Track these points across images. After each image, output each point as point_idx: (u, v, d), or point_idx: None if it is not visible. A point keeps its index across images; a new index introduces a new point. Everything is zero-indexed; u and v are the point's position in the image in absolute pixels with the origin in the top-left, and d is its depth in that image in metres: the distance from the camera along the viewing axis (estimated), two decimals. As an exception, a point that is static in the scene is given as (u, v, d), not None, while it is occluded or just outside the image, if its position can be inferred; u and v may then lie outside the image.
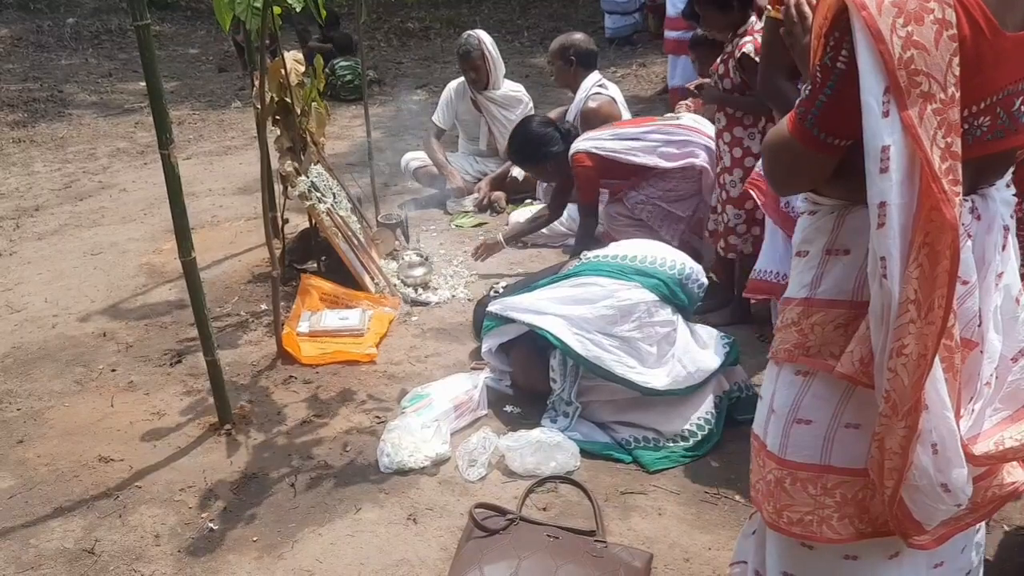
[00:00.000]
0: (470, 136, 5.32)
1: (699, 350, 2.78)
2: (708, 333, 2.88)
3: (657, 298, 2.74)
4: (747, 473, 1.56)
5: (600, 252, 2.98)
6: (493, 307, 2.94)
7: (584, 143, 3.87)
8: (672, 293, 2.78)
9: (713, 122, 3.70)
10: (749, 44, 3.49)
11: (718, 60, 3.60)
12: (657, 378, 2.70)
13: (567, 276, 2.90)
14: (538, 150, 3.98)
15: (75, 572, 2.28)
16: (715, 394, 2.79)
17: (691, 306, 2.92)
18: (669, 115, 4.34)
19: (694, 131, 3.88)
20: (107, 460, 2.75)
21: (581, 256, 3.01)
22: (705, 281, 2.94)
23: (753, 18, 3.61)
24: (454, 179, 5.05)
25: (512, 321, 2.86)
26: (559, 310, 2.76)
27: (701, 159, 3.81)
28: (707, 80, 3.77)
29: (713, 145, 3.68)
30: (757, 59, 3.45)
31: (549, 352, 2.80)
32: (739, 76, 3.54)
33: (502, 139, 5.13)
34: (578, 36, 4.46)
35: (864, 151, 1.18)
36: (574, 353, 2.68)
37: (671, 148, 3.82)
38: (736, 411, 2.80)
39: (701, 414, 2.73)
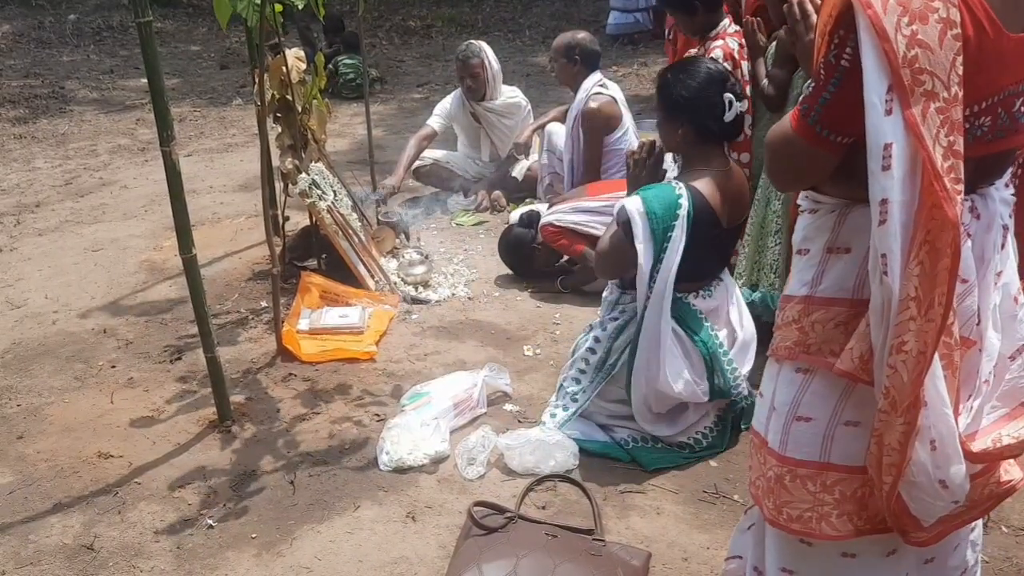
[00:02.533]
0: (472, 146, 5.30)
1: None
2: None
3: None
4: (745, 473, 1.57)
5: (710, 311, 2.68)
6: (678, 225, 2.49)
7: (548, 217, 3.93)
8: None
9: None
10: (718, 49, 3.49)
11: None
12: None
13: (675, 304, 2.61)
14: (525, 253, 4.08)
15: (74, 568, 2.28)
16: (718, 408, 2.76)
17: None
18: None
19: None
20: (106, 456, 2.75)
21: (699, 294, 2.68)
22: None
23: (726, 21, 3.61)
24: (395, 176, 4.79)
25: None
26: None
27: None
28: None
29: None
30: (725, 64, 3.45)
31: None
32: None
33: (504, 147, 5.13)
34: (583, 35, 4.46)
35: (866, 148, 1.18)
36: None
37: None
38: (742, 419, 2.79)
39: (701, 428, 2.72)
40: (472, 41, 5.02)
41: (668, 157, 3.67)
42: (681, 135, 2.58)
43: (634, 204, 2.49)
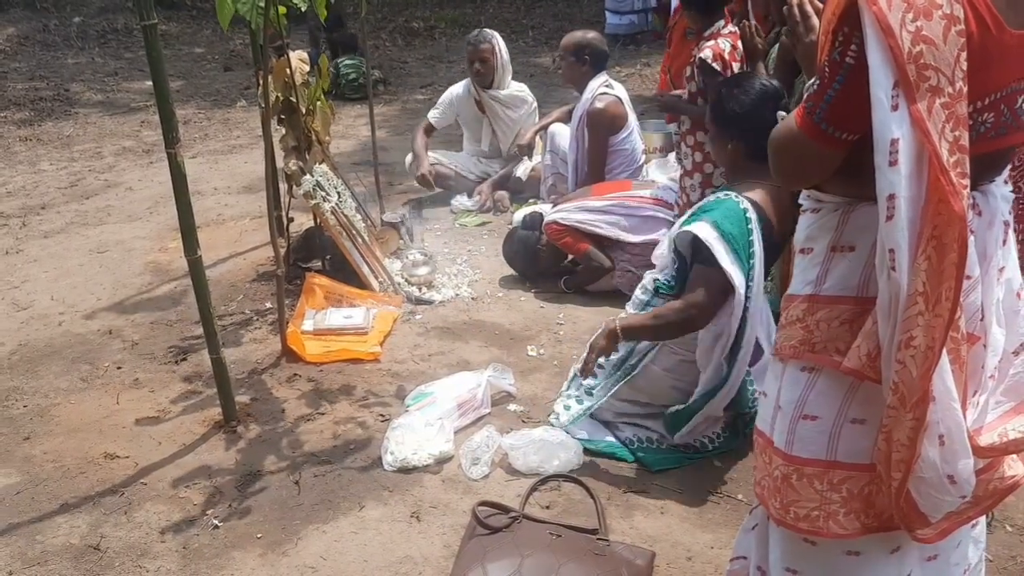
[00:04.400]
0: (474, 137, 5.32)
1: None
2: None
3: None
4: (749, 472, 1.57)
5: None
6: (756, 243, 2.45)
7: (552, 215, 3.94)
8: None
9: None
10: (707, 49, 3.49)
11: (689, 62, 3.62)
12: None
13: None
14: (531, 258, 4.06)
15: (81, 568, 2.29)
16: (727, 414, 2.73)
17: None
18: (642, 181, 4.31)
19: (658, 204, 3.87)
20: (112, 457, 2.76)
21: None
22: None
23: (721, 23, 3.62)
24: (422, 164, 4.95)
25: None
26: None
27: (661, 234, 3.76)
28: (679, 92, 3.78)
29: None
30: (714, 65, 3.46)
31: None
32: (701, 81, 3.54)
33: (505, 139, 5.14)
34: (594, 35, 4.47)
35: (873, 144, 1.18)
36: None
37: (634, 222, 3.84)
38: (748, 425, 2.77)
39: (709, 433, 2.69)
40: (484, 29, 5.04)
41: (670, 157, 3.65)
42: (731, 150, 2.54)
43: (706, 232, 2.39)
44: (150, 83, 2.52)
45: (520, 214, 4.51)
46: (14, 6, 13.17)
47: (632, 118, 4.48)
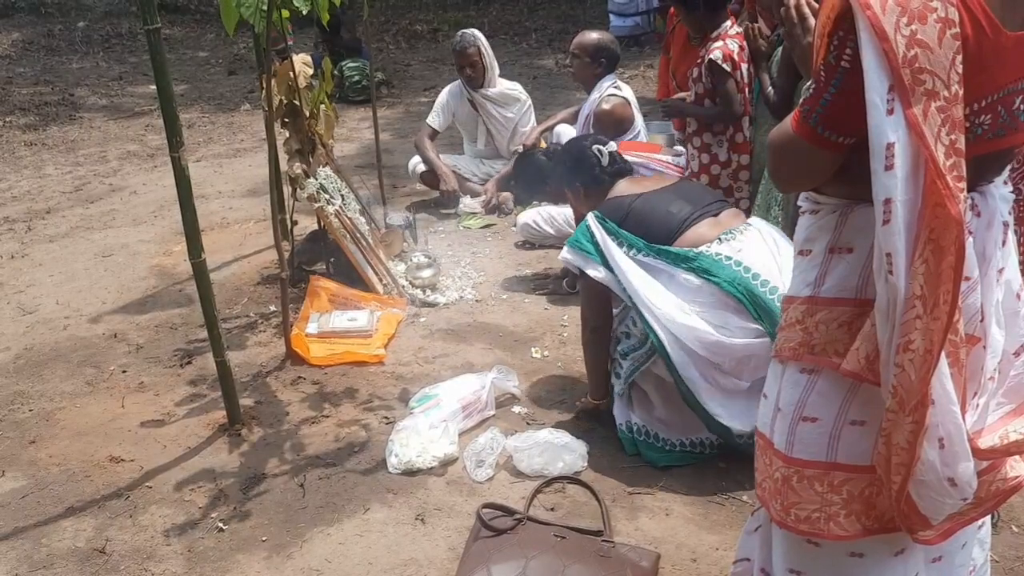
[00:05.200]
0: (470, 137, 5.34)
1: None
2: None
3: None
4: (754, 473, 1.57)
5: (736, 252, 2.58)
6: (597, 233, 2.63)
7: None
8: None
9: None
10: (717, 50, 3.50)
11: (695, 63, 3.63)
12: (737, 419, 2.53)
13: (691, 260, 2.55)
14: (539, 180, 4.12)
15: (86, 571, 2.30)
16: None
17: None
18: (670, 149, 4.36)
19: (681, 173, 3.95)
20: (118, 460, 2.77)
21: (720, 240, 2.61)
22: None
23: (727, 23, 3.62)
24: (449, 180, 5.03)
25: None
26: (668, 305, 2.52)
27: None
28: (684, 94, 3.79)
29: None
30: (724, 66, 3.47)
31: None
32: (709, 81, 3.55)
33: (500, 137, 5.16)
34: (610, 38, 4.49)
35: (869, 148, 1.18)
36: (673, 368, 2.51)
37: (645, 172, 3.86)
38: None
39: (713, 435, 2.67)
40: (465, 31, 5.05)
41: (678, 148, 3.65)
42: (583, 193, 2.96)
43: (564, 253, 2.70)
44: (154, 87, 2.53)
45: (522, 217, 4.52)
46: (19, 11, 13.24)
47: (639, 120, 4.49)
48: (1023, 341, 1.38)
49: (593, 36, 4.43)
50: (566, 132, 4.70)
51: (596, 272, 2.60)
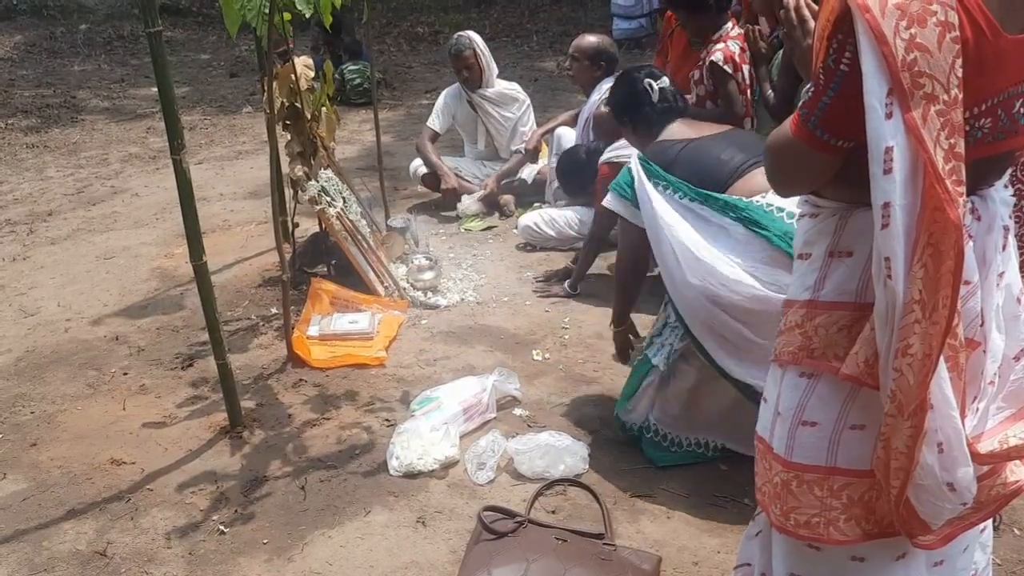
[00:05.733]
0: (470, 139, 5.35)
1: None
2: None
3: None
4: (755, 476, 1.56)
5: (789, 203, 2.35)
6: (636, 176, 2.53)
7: (605, 155, 3.90)
8: None
9: None
10: (718, 52, 3.50)
11: (696, 66, 3.62)
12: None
13: (739, 210, 2.37)
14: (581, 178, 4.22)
15: (87, 574, 2.30)
16: None
17: None
18: None
19: None
20: (119, 463, 2.77)
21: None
22: None
23: (728, 25, 3.62)
24: (449, 179, 5.05)
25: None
26: (712, 256, 2.35)
27: None
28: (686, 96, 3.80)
29: None
30: (725, 68, 3.46)
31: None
32: (711, 83, 3.54)
33: (500, 137, 5.17)
34: (609, 42, 4.49)
35: (868, 153, 1.18)
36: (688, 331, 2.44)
37: None
38: None
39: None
40: (460, 34, 5.07)
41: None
42: (631, 129, 2.84)
43: (607, 200, 2.64)
44: (156, 89, 2.54)
45: (524, 219, 4.52)
46: (21, 14, 13.26)
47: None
48: (1023, 345, 1.37)
49: (592, 39, 4.43)
50: (566, 135, 4.71)
51: (635, 218, 2.54)
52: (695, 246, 2.36)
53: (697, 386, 2.60)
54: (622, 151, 3.84)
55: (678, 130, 2.70)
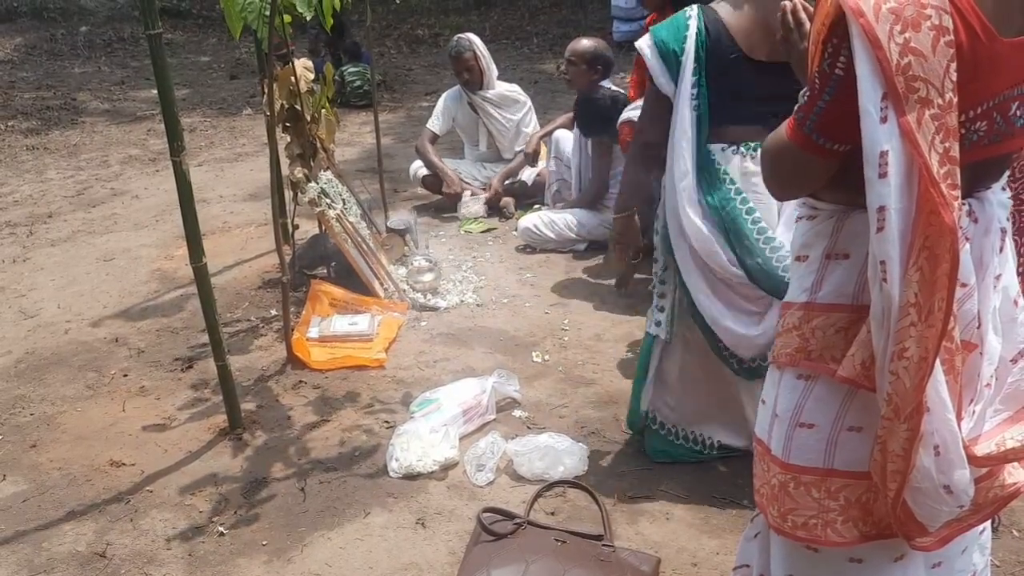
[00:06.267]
0: (471, 141, 5.35)
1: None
2: None
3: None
4: (753, 478, 1.57)
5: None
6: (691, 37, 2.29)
7: (627, 113, 3.85)
8: None
9: None
10: None
11: None
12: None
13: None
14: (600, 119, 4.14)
15: (87, 575, 2.30)
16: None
17: None
18: None
19: None
20: (118, 464, 2.77)
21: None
22: None
23: None
24: (452, 183, 5.06)
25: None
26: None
27: None
28: None
29: None
30: None
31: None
32: None
33: (502, 139, 5.18)
34: (605, 45, 4.49)
35: (863, 156, 1.18)
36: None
37: None
38: None
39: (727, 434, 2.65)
40: (460, 36, 5.08)
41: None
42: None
43: (644, 40, 2.35)
44: (156, 91, 2.54)
45: (523, 221, 4.52)
46: (21, 16, 13.27)
47: (636, 124, 4.49)
48: (1020, 348, 1.37)
49: (588, 43, 4.44)
50: (564, 138, 4.72)
51: (666, 84, 2.31)
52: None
53: (684, 368, 2.58)
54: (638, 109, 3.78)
55: (727, 14, 2.29)
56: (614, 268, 2.74)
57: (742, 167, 2.34)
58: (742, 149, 2.34)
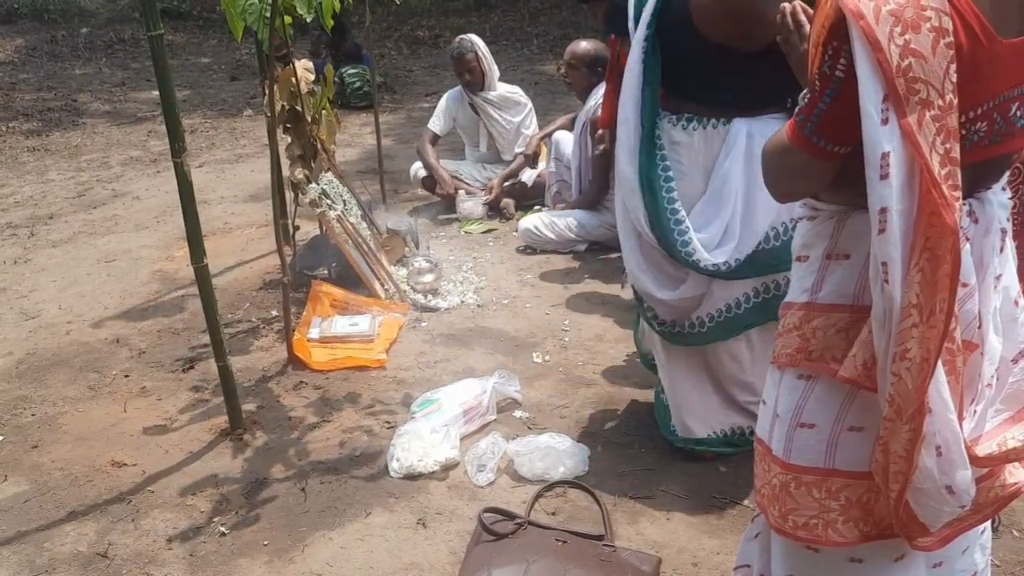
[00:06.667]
0: (471, 142, 5.36)
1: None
2: None
3: None
4: (754, 478, 1.57)
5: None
6: None
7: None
8: None
9: None
10: None
11: None
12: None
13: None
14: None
15: (88, 575, 2.30)
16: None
17: None
18: None
19: None
20: (120, 465, 2.78)
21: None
22: None
23: None
24: (445, 184, 5.07)
25: None
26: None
27: None
28: None
29: None
30: None
31: None
32: None
33: (503, 140, 5.18)
34: (602, 47, 4.49)
35: (864, 158, 1.19)
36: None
37: None
38: None
39: (734, 423, 2.63)
40: (462, 37, 5.09)
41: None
42: None
43: None
44: (157, 93, 2.54)
45: (524, 222, 4.53)
46: (22, 17, 13.28)
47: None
48: (1021, 348, 1.38)
49: (588, 45, 4.45)
50: (564, 139, 4.72)
51: (632, 26, 2.31)
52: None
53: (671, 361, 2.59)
54: None
55: None
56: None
57: (671, 135, 2.35)
58: (681, 121, 2.34)
